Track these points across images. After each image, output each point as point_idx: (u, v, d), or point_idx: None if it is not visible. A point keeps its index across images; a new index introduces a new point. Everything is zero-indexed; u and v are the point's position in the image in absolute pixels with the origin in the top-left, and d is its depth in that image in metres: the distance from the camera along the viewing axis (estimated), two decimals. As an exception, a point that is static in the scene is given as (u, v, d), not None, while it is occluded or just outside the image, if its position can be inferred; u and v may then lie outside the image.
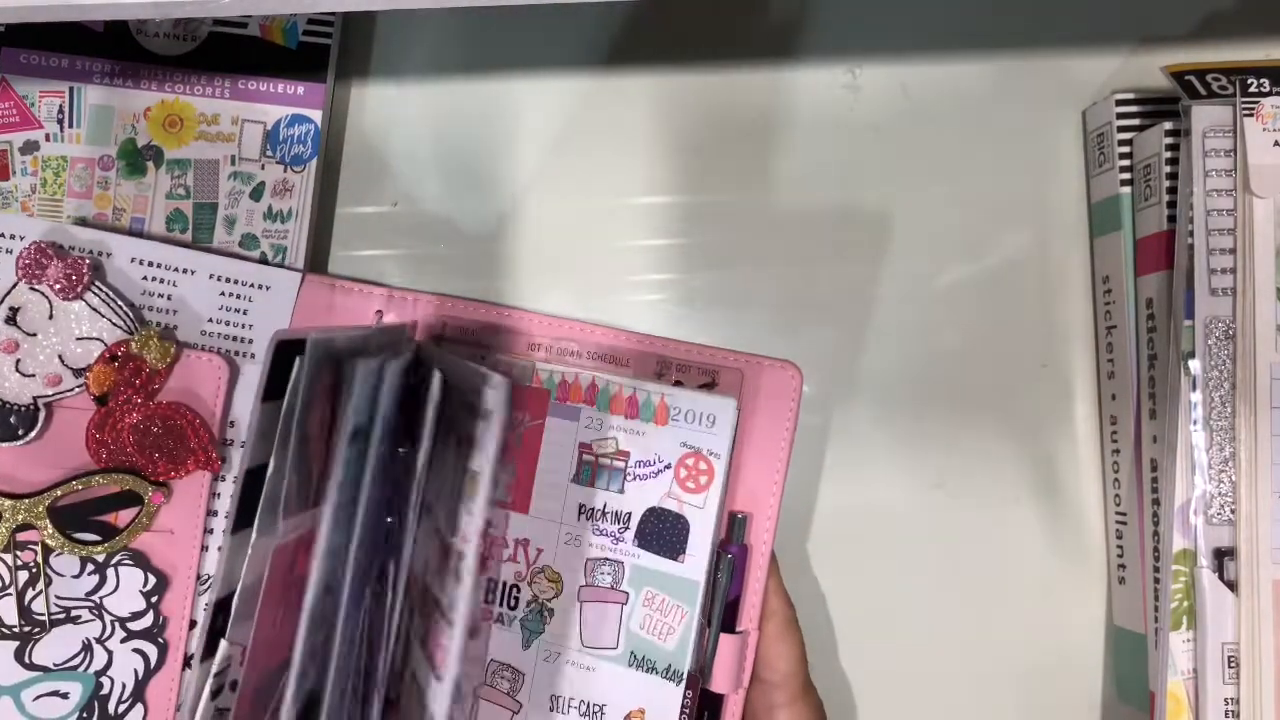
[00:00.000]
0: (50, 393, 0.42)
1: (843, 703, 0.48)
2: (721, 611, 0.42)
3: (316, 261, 0.48)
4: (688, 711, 0.42)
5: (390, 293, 0.45)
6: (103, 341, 0.42)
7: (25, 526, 0.42)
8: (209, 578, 0.44)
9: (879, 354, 0.49)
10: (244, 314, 0.44)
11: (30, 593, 0.42)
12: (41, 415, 0.42)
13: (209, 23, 0.46)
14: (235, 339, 0.44)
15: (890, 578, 0.49)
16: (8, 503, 0.41)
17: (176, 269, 0.44)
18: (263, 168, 0.46)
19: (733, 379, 0.44)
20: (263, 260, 0.45)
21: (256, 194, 0.46)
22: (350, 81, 0.49)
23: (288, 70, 0.46)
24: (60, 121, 0.45)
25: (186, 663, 0.43)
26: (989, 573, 0.49)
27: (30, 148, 0.45)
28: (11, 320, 0.42)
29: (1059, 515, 0.49)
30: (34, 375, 0.42)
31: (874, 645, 0.48)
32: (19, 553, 0.42)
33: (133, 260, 0.43)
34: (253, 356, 0.44)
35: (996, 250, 0.50)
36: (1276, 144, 0.43)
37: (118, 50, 0.46)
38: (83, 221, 0.45)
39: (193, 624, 0.43)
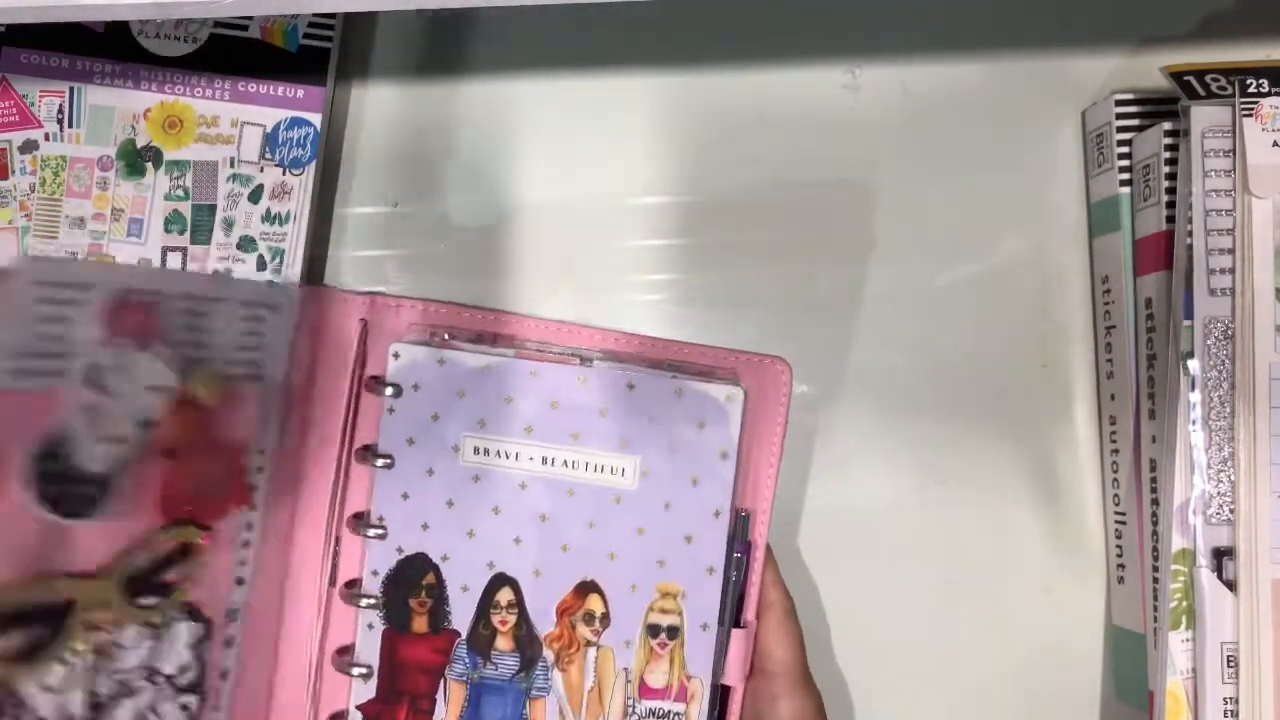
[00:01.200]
0: (124, 454, 0.40)
1: (842, 702, 0.48)
2: (734, 608, 0.43)
3: (315, 264, 0.48)
4: None
5: (372, 300, 0.45)
6: (167, 390, 0.41)
7: (97, 608, 0.39)
8: (234, 610, 0.42)
9: (879, 354, 0.49)
10: (259, 335, 0.44)
11: (98, 677, 0.40)
12: (117, 480, 0.40)
13: (209, 24, 0.46)
14: (251, 363, 0.44)
15: (890, 577, 0.49)
16: (82, 585, 0.39)
17: (205, 299, 0.43)
18: (261, 170, 0.46)
19: (727, 378, 0.44)
20: (260, 265, 0.46)
21: (255, 196, 0.46)
22: (350, 82, 0.49)
23: (288, 73, 0.46)
24: (60, 121, 0.45)
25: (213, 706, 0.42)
26: (989, 572, 0.49)
27: (29, 147, 0.45)
28: (91, 380, 0.40)
29: (1059, 515, 0.49)
30: (111, 438, 0.40)
31: (874, 645, 0.48)
32: (90, 634, 0.40)
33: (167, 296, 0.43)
34: (261, 379, 0.44)
35: (996, 250, 0.50)
36: (1275, 144, 0.43)
37: (118, 50, 0.46)
38: (80, 222, 0.45)
39: (224, 674, 0.42)
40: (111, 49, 0.45)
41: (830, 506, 0.49)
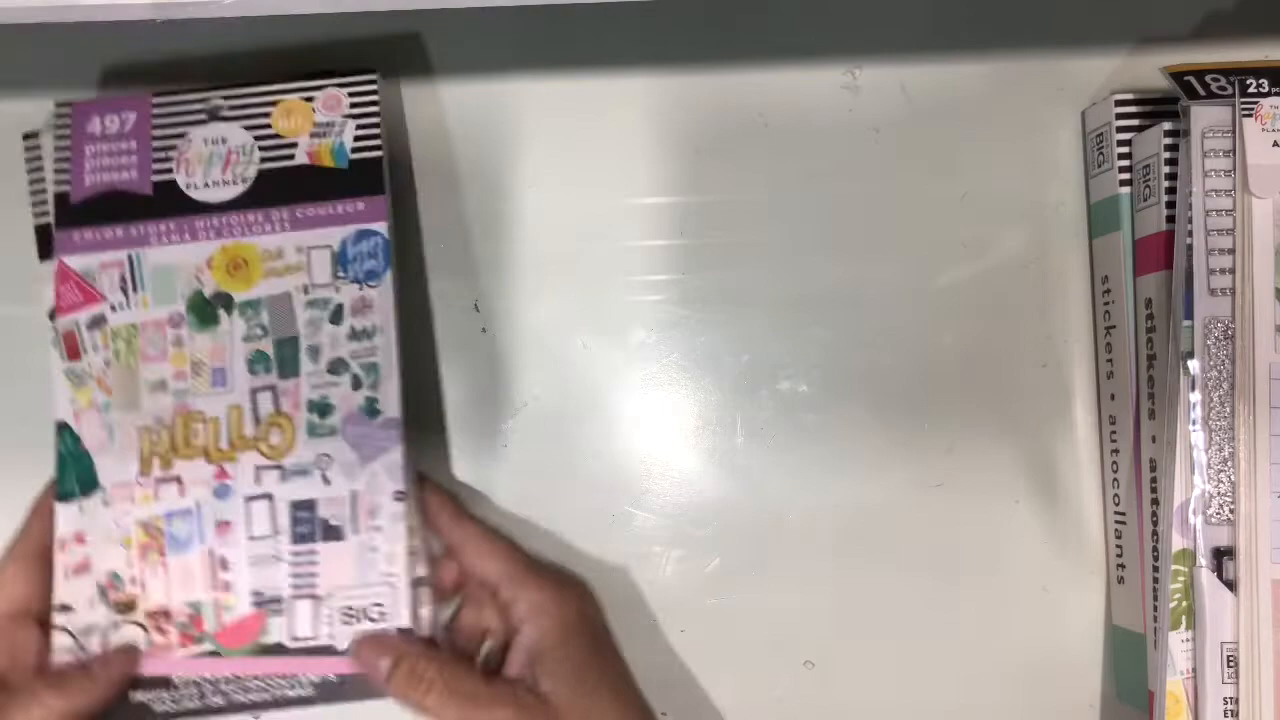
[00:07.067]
0: None
1: (841, 702, 0.48)
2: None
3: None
4: None
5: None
6: None
7: None
8: None
9: (878, 354, 0.49)
10: None
11: None
12: None
13: (256, 162, 0.45)
14: None
15: (889, 577, 0.49)
16: None
17: None
18: (337, 290, 0.44)
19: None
20: (355, 384, 0.44)
21: (335, 317, 0.44)
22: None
23: (343, 190, 0.45)
24: (124, 290, 0.44)
25: None
26: (988, 572, 0.49)
27: (97, 323, 0.44)
28: None
29: (1058, 515, 0.49)
30: None
31: (873, 645, 0.49)
32: None
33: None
34: None
35: (996, 250, 0.50)
36: (1275, 144, 0.43)
37: (169, 208, 0.45)
38: (161, 385, 0.44)
39: None
40: (162, 208, 0.45)
41: (828, 506, 0.49)
